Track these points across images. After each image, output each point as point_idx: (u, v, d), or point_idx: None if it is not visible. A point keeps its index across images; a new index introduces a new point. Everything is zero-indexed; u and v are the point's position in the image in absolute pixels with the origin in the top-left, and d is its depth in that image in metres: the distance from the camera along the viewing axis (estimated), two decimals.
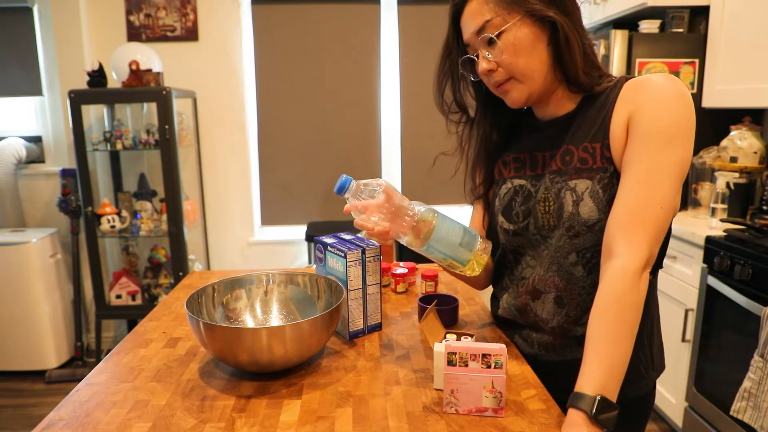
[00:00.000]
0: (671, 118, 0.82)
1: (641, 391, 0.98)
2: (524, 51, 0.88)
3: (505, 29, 0.87)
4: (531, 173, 0.99)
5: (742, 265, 1.82)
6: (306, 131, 3.35)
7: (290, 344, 0.89)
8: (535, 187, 0.97)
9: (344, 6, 3.22)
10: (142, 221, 2.95)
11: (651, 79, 0.85)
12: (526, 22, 0.87)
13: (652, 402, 1.03)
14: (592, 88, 0.92)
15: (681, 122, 0.82)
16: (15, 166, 3.07)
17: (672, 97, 0.83)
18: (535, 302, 0.98)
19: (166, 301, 1.37)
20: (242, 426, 0.80)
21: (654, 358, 0.99)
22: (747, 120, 2.32)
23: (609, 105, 0.89)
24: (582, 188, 0.89)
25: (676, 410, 2.22)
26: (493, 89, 0.95)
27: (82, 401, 0.88)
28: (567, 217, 0.90)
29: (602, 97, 0.91)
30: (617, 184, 0.86)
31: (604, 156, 0.88)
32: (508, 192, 1.02)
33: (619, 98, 0.88)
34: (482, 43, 0.90)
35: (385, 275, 1.44)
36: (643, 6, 2.40)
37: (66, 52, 3.00)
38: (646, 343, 0.97)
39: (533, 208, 0.96)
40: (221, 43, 3.15)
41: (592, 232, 0.88)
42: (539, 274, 0.97)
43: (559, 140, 0.95)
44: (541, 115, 1.00)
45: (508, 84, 0.92)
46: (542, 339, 0.99)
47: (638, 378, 0.97)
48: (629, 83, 0.88)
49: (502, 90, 0.94)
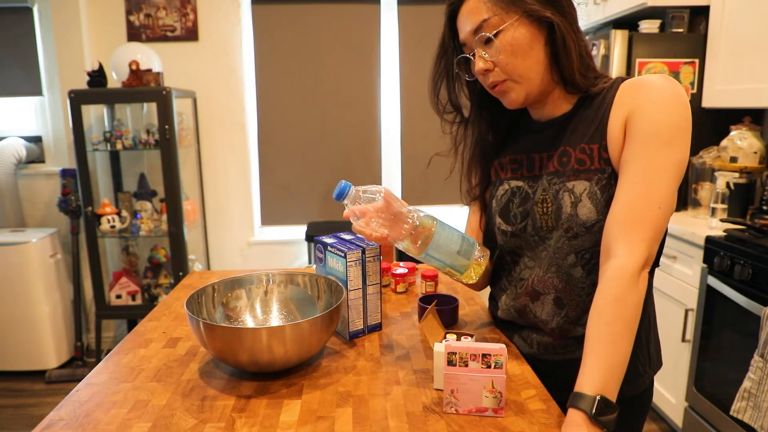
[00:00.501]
0: (669, 119, 0.82)
1: (639, 389, 0.99)
2: (521, 51, 0.88)
3: (502, 29, 0.87)
4: (528, 174, 0.99)
5: (742, 265, 1.82)
6: (306, 131, 3.35)
7: (290, 344, 0.89)
8: (532, 188, 0.97)
9: (344, 6, 3.22)
10: (142, 221, 2.95)
11: (648, 80, 0.85)
12: (524, 22, 0.87)
13: (650, 399, 1.03)
14: (588, 89, 0.92)
15: (679, 123, 0.82)
16: (15, 166, 3.07)
17: (670, 98, 0.83)
18: (534, 303, 0.98)
19: (166, 301, 1.37)
20: (242, 426, 0.80)
21: (651, 356, 0.99)
22: (747, 120, 2.32)
23: (606, 106, 0.89)
24: (580, 189, 0.89)
25: (676, 410, 2.22)
26: (490, 89, 0.95)
27: (82, 401, 0.88)
28: (565, 218, 0.90)
29: (599, 97, 0.91)
30: (615, 185, 0.86)
31: (601, 157, 0.88)
32: (505, 194, 1.01)
33: (616, 99, 0.88)
34: (479, 42, 0.90)
35: (385, 275, 1.44)
36: (643, 6, 2.40)
37: (66, 52, 3.00)
38: (644, 340, 0.97)
39: (531, 210, 0.96)
40: (221, 43, 3.15)
41: (591, 233, 0.88)
42: (538, 275, 0.97)
43: (556, 141, 0.95)
44: (538, 116, 1.00)
45: (505, 85, 0.91)
46: (542, 340, 0.99)
47: (636, 376, 0.97)
48: (626, 84, 0.88)
49: (499, 90, 0.93)
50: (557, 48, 0.88)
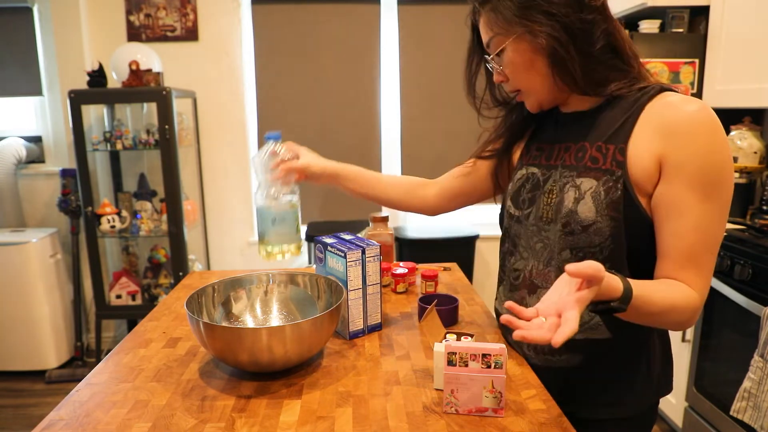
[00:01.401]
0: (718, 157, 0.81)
1: (638, 410, 0.97)
2: (523, 67, 0.91)
3: (504, 46, 0.90)
4: (545, 163, 0.99)
5: (742, 265, 1.82)
6: (306, 131, 3.35)
7: (290, 344, 0.89)
8: (545, 176, 0.97)
9: (344, 6, 3.22)
10: (142, 221, 2.95)
11: (686, 116, 0.81)
12: (525, 39, 0.88)
13: (651, 422, 1.00)
14: (605, 94, 0.90)
15: (728, 157, 0.82)
16: (15, 166, 3.07)
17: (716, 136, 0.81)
18: (531, 297, 0.98)
19: (166, 301, 1.37)
20: (242, 426, 0.80)
21: (656, 381, 0.97)
22: (747, 120, 2.32)
23: (634, 112, 0.87)
24: (586, 187, 0.88)
25: (676, 410, 2.22)
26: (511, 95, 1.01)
27: (82, 401, 0.88)
28: (565, 213, 0.90)
29: (629, 100, 0.88)
30: (621, 190, 0.85)
31: (615, 159, 0.86)
32: (521, 178, 1.03)
33: (646, 112, 0.86)
34: (493, 56, 0.94)
35: (385, 275, 1.44)
36: (643, 6, 2.40)
37: (66, 52, 3.00)
38: (645, 362, 0.95)
39: (538, 198, 0.97)
40: (221, 43, 3.15)
41: (587, 233, 0.87)
42: (537, 268, 0.97)
43: (577, 135, 0.95)
44: (565, 109, 1.00)
45: (519, 95, 0.97)
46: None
47: (632, 398, 0.95)
48: (660, 104, 0.85)
49: (518, 99, 0.99)
50: (567, 58, 0.87)
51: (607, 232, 0.86)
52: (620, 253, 0.86)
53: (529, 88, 0.94)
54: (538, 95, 0.94)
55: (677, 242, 0.83)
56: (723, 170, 0.81)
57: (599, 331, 0.92)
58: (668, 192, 0.83)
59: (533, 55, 0.88)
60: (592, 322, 0.91)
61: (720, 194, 0.82)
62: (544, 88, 0.92)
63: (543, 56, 0.88)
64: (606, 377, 0.94)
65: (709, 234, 0.82)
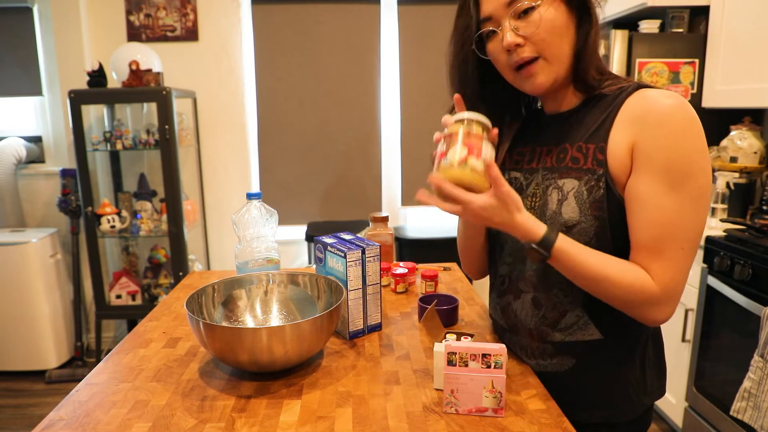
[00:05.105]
0: (686, 151, 0.80)
1: (632, 416, 0.96)
2: (559, 30, 0.84)
3: (538, 4, 0.83)
4: (527, 167, 0.98)
5: (742, 265, 1.82)
6: (306, 131, 3.35)
7: (290, 344, 0.89)
8: (527, 180, 0.97)
9: (344, 6, 3.22)
10: (142, 221, 2.95)
11: (659, 106, 0.81)
12: (565, 1, 0.85)
13: (645, 427, 1.00)
14: (595, 90, 0.90)
15: (699, 151, 0.81)
16: (15, 166, 3.07)
17: (687, 128, 0.80)
18: (516, 302, 0.98)
19: (166, 301, 1.37)
20: (242, 426, 0.80)
21: (648, 384, 0.96)
22: (747, 120, 2.32)
23: (613, 109, 0.86)
24: (568, 188, 0.88)
25: (676, 410, 2.22)
26: (512, 72, 0.89)
27: (82, 401, 0.88)
28: (549, 215, 0.89)
29: (607, 99, 0.88)
30: (604, 188, 0.85)
31: (596, 158, 0.86)
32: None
33: (623, 108, 0.85)
34: (513, 14, 0.84)
35: (385, 275, 1.44)
36: (643, 6, 2.40)
37: (66, 52, 3.00)
38: (638, 367, 0.95)
39: (522, 202, 0.95)
40: (221, 43, 3.15)
41: (571, 233, 0.86)
42: (521, 272, 0.96)
43: (557, 137, 0.94)
44: (548, 109, 0.99)
45: (536, 65, 0.86)
46: (521, 342, 0.99)
47: (626, 401, 0.94)
48: (637, 98, 0.84)
49: (527, 73, 0.87)
50: (585, 38, 0.86)
51: (592, 232, 0.85)
52: (606, 252, 0.86)
53: (555, 55, 0.85)
54: (560, 66, 0.87)
55: (640, 234, 0.83)
56: (693, 163, 0.80)
57: (589, 331, 0.91)
58: (635, 182, 0.83)
59: (569, 21, 0.85)
60: (580, 322, 0.91)
61: (689, 187, 0.80)
62: (568, 59, 0.87)
63: (573, 28, 0.86)
64: (599, 381, 0.94)
65: (675, 227, 0.80)
